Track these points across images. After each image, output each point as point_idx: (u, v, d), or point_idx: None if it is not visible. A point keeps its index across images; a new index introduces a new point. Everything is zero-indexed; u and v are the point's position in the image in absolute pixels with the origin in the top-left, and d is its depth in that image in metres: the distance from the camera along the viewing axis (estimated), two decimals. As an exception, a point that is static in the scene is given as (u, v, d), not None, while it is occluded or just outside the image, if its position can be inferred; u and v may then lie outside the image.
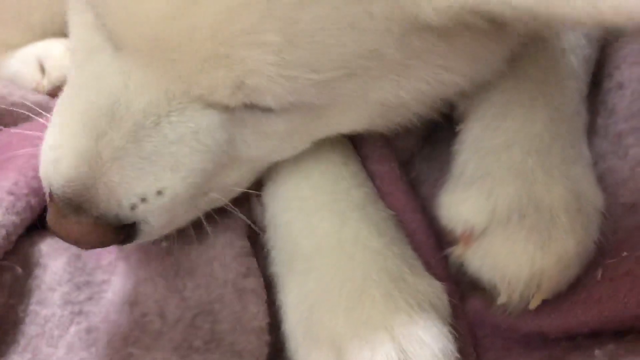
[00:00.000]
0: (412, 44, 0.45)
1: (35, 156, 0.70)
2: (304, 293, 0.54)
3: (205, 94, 0.46)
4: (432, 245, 0.59)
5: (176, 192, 0.51)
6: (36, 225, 0.68)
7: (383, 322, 0.50)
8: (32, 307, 0.63)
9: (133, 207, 0.50)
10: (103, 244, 0.52)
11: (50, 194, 0.51)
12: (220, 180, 0.54)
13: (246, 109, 0.48)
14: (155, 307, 0.61)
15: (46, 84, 0.87)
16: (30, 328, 0.62)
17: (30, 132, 0.73)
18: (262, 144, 0.53)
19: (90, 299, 0.64)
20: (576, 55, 0.61)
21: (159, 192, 0.50)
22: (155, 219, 0.52)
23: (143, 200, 0.50)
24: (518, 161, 0.56)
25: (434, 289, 0.53)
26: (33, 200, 0.67)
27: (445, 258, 0.58)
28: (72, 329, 0.61)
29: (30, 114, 0.83)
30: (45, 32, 0.95)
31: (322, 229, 0.55)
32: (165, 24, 0.43)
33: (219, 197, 0.56)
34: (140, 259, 0.65)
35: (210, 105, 0.48)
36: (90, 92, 0.49)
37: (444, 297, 0.54)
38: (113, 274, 0.67)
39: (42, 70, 0.89)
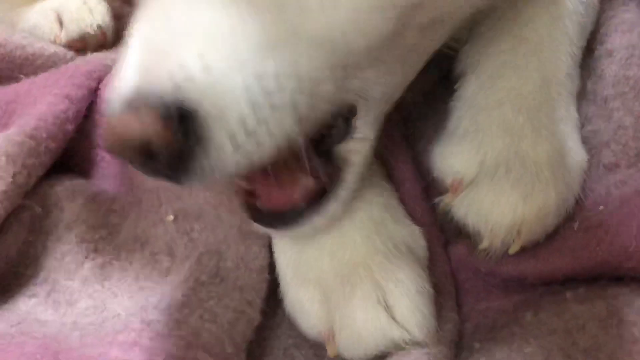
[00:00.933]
0: None
1: (54, 104, 0.74)
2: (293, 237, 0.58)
3: None
4: (420, 194, 0.63)
5: (226, 64, 0.43)
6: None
7: (363, 263, 0.54)
8: (50, 244, 0.68)
9: (176, 85, 0.43)
10: (156, 140, 0.42)
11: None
12: (289, 65, 0.45)
13: None
14: (164, 247, 0.66)
15: (64, 36, 0.91)
16: (48, 262, 0.67)
17: (50, 82, 0.78)
18: (328, 13, 0.46)
19: (103, 238, 0.69)
20: (572, 21, 0.64)
21: (205, 67, 0.43)
22: (214, 108, 0.43)
23: (187, 76, 0.43)
24: (509, 118, 0.59)
25: (413, 235, 0.58)
26: (52, 145, 0.71)
27: (433, 207, 0.62)
28: (87, 264, 0.66)
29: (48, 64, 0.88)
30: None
31: None
32: None
33: (298, 99, 0.45)
34: (153, 203, 0.69)
35: None
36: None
37: (422, 242, 0.58)
38: (125, 219, 0.72)
39: (60, 23, 0.92)
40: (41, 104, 0.74)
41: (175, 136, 0.42)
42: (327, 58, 0.46)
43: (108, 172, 0.78)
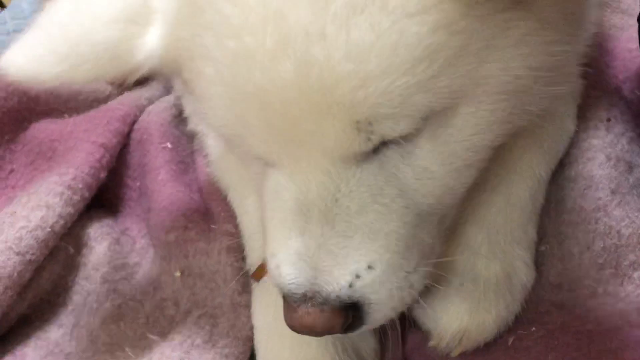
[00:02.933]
0: (486, 15, 0.49)
1: (91, 153, 0.86)
2: (265, 323, 0.69)
3: (348, 152, 0.51)
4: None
5: (384, 262, 0.54)
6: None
7: None
8: (78, 281, 0.81)
9: (351, 285, 0.54)
10: (334, 328, 0.55)
11: (283, 295, 0.56)
12: (419, 248, 0.57)
13: (388, 150, 0.53)
14: (172, 296, 0.78)
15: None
16: (76, 297, 0.80)
17: (90, 126, 0.89)
18: (426, 181, 0.55)
19: (124, 279, 0.82)
20: (543, 148, 0.71)
21: (370, 267, 0.54)
22: (375, 296, 0.54)
23: (357, 277, 0.54)
24: (470, 236, 0.69)
25: (362, 338, 0.68)
26: (87, 194, 0.84)
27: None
28: (107, 304, 0.79)
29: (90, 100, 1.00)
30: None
31: None
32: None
33: (426, 271, 0.58)
34: (164, 253, 0.81)
35: (363, 159, 0.53)
36: (275, 204, 0.56)
37: (372, 344, 0.69)
38: (144, 258, 0.84)
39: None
40: (79, 151, 0.86)
41: (347, 321, 0.55)
42: (434, 222, 0.59)
43: (133, 211, 0.91)
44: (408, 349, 0.72)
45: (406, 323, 0.74)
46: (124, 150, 0.92)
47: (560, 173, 0.75)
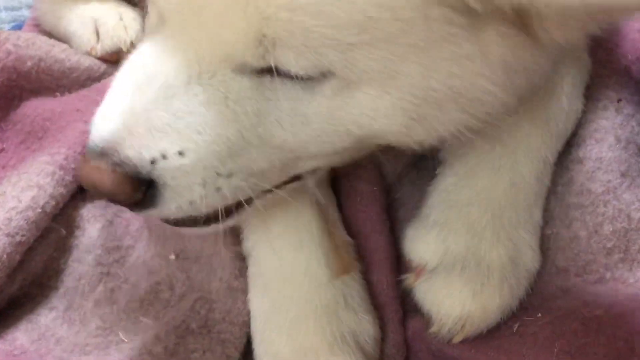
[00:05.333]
0: (435, 19, 0.48)
1: (84, 132, 0.83)
2: (261, 309, 0.68)
3: (230, 53, 0.50)
4: (390, 265, 0.71)
5: (198, 155, 0.52)
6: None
7: (312, 349, 0.64)
8: (70, 263, 0.78)
9: (153, 162, 0.52)
10: (121, 195, 0.53)
11: (84, 149, 0.56)
12: (245, 162, 0.55)
13: (277, 79, 0.51)
14: (166, 279, 0.76)
15: (99, 49, 0.98)
16: (68, 280, 0.78)
17: (82, 105, 0.87)
18: (297, 128, 0.54)
19: (117, 261, 0.79)
20: (549, 129, 0.69)
21: (180, 153, 0.52)
22: (175, 182, 0.53)
23: (163, 157, 0.52)
24: (474, 218, 0.67)
25: (361, 325, 0.66)
26: (79, 173, 0.81)
27: (400, 280, 0.70)
28: (100, 287, 0.77)
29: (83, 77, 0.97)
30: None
31: (279, 256, 0.67)
32: None
33: (242, 184, 0.56)
34: (159, 235, 0.79)
35: (240, 69, 0.51)
36: (137, 60, 0.55)
37: (371, 332, 0.67)
38: (138, 241, 0.82)
39: (97, 35, 1.00)
40: (72, 130, 0.84)
41: (136, 195, 0.54)
42: (280, 158, 0.57)
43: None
44: (409, 336, 0.71)
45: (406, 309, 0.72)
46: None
47: (567, 154, 0.73)
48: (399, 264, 0.73)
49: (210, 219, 0.59)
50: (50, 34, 1.05)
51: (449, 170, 0.70)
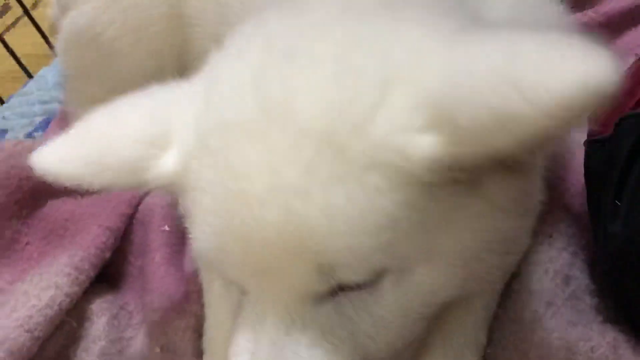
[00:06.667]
0: (441, 200, 0.56)
1: (98, 236, 0.97)
2: None
3: (307, 290, 0.57)
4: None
5: None
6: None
7: None
8: (79, 353, 0.91)
9: None
10: None
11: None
12: None
13: (346, 295, 0.59)
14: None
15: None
16: (76, 368, 0.90)
17: (96, 210, 1.00)
18: (379, 328, 0.61)
19: (119, 351, 0.92)
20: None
21: None
22: None
23: None
24: (428, 341, 0.78)
25: None
26: (92, 273, 0.94)
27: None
28: (103, 377, 0.89)
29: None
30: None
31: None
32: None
33: None
34: (148, 332, 0.91)
35: (319, 300, 0.58)
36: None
37: None
38: (138, 332, 0.95)
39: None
40: (87, 233, 0.97)
41: None
42: None
43: (133, 286, 1.01)
44: None
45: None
46: (128, 229, 1.03)
47: (509, 284, 0.84)
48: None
49: None
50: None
51: None
